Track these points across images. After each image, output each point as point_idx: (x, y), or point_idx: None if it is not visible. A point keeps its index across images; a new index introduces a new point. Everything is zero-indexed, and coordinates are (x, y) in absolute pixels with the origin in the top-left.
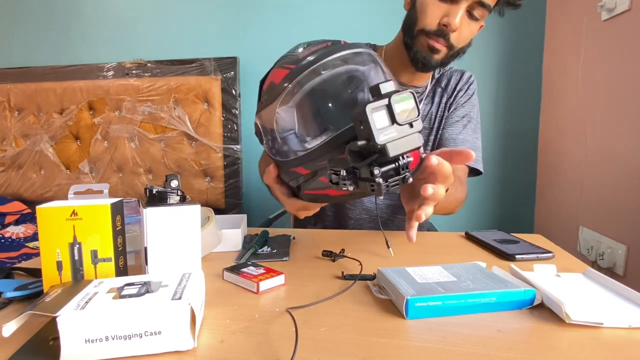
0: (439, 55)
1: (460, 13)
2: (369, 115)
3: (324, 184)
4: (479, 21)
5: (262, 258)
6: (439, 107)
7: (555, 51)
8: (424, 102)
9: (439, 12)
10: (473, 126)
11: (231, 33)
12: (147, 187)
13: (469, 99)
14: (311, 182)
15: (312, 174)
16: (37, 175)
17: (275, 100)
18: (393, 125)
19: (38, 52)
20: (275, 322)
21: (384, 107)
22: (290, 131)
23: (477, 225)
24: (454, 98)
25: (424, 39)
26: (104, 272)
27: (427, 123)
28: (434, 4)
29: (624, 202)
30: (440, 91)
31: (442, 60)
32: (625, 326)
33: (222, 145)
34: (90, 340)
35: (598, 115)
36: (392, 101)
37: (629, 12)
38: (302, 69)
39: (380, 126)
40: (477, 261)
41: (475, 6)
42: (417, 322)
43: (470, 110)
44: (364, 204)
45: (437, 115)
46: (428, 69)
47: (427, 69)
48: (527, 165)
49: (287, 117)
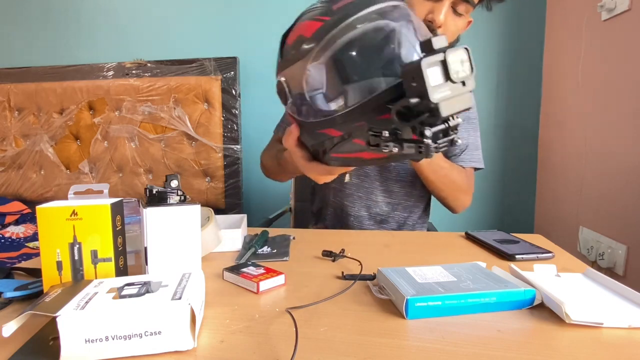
0: None
1: (444, 10)
2: (424, 71)
3: (358, 146)
4: (464, 16)
5: (262, 258)
6: None
7: (555, 51)
8: None
9: (424, 10)
10: (473, 125)
11: (231, 33)
12: (147, 187)
13: None
14: (343, 145)
15: (345, 136)
16: (37, 175)
17: (307, 55)
18: (447, 82)
19: (38, 52)
20: (275, 322)
21: (438, 63)
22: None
23: (477, 225)
24: None
25: None
26: (104, 272)
27: None
28: (419, 2)
29: (624, 202)
30: None
31: None
32: (625, 326)
33: (222, 145)
34: (90, 340)
35: (598, 115)
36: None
37: (629, 12)
38: (337, 22)
39: (434, 83)
40: (477, 261)
41: (458, 2)
42: (417, 322)
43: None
44: (362, 200)
45: None
46: None
47: None
48: (527, 165)
49: (319, 75)
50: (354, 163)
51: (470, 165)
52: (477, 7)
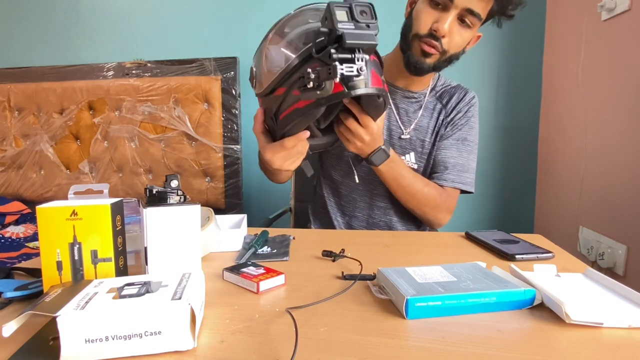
0: (431, 60)
1: (449, 19)
2: (332, 9)
3: (295, 97)
4: (472, 29)
5: (262, 258)
6: (436, 123)
7: (555, 51)
8: (422, 114)
9: (431, 19)
10: (469, 148)
11: (231, 33)
12: (147, 187)
13: (467, 121)
14: (286, 101)
15: (287, 91)
16: (37, 175)
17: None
18: (352, 21)
19: (38, 52)
20: (275, 322)
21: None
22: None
23: (477, 225)
24: (451, 118)
25: (417, 43)
26: (104, 272)
27: (423, 135)
28: (427, 11)
29: (624, 202)
30: (440, 107)
31: (435, 65)
32: (625, 326)
33: (222, 145)
34: (90, 340)
35: (598, 115)
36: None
37: (629, 12)
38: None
39: (340, 19)
40: (477, 261)
41: (465, 14)
42: (417, 322)
43: (468, 133)
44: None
45: (434, 130)
46: (421, 72)
47: (420, 72)
48: (527, 165)
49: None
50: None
51: (454, 186)
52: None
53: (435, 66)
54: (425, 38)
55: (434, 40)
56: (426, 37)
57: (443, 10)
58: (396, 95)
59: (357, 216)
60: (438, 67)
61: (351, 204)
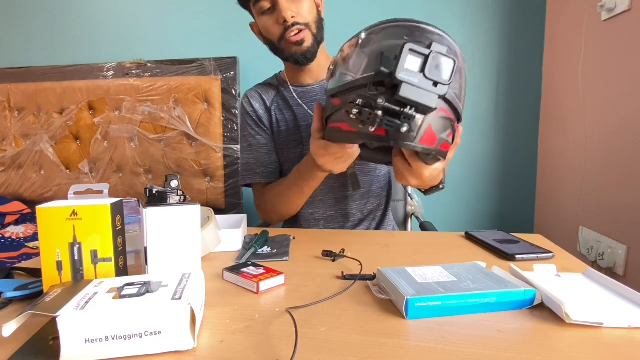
0: (307, 42)
1: (281, 5)
2: (404, 51)
3: (342, 116)
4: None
5: (262, 258)
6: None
7: (555, 51)
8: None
9: (273, 21)
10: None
11: (231, 33)
12: (147, 187)
13: None
14: (336, 114)
15: (340, 105)
16: (37, 175)
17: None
18: (419, 74)
19: (38, 52)
20: (275, 322)
21: (422, 55)
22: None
23: (477, 225)
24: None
25: (284, 42)
26: (104, 272)
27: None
28: (266, 19)
29: (624, 202)
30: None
31: (313, 42)
32: (625, 326)
33: (222, 145)
34: (90, 340)
35: (598, 115)
36: (432, 55)
37: (629, 12)
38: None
39: (407, 67)
40: (477, 261)
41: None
42: (417, 322)
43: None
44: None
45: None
46: (310, 57)
47: (309, 58)
48: (527, 165)
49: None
50: (336, 132)
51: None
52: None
53: (315, 41)
54: (285, 34)
55: (292, 27)
56: (285, 32)
57: (273, 8)
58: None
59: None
60: (318, 40)
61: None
